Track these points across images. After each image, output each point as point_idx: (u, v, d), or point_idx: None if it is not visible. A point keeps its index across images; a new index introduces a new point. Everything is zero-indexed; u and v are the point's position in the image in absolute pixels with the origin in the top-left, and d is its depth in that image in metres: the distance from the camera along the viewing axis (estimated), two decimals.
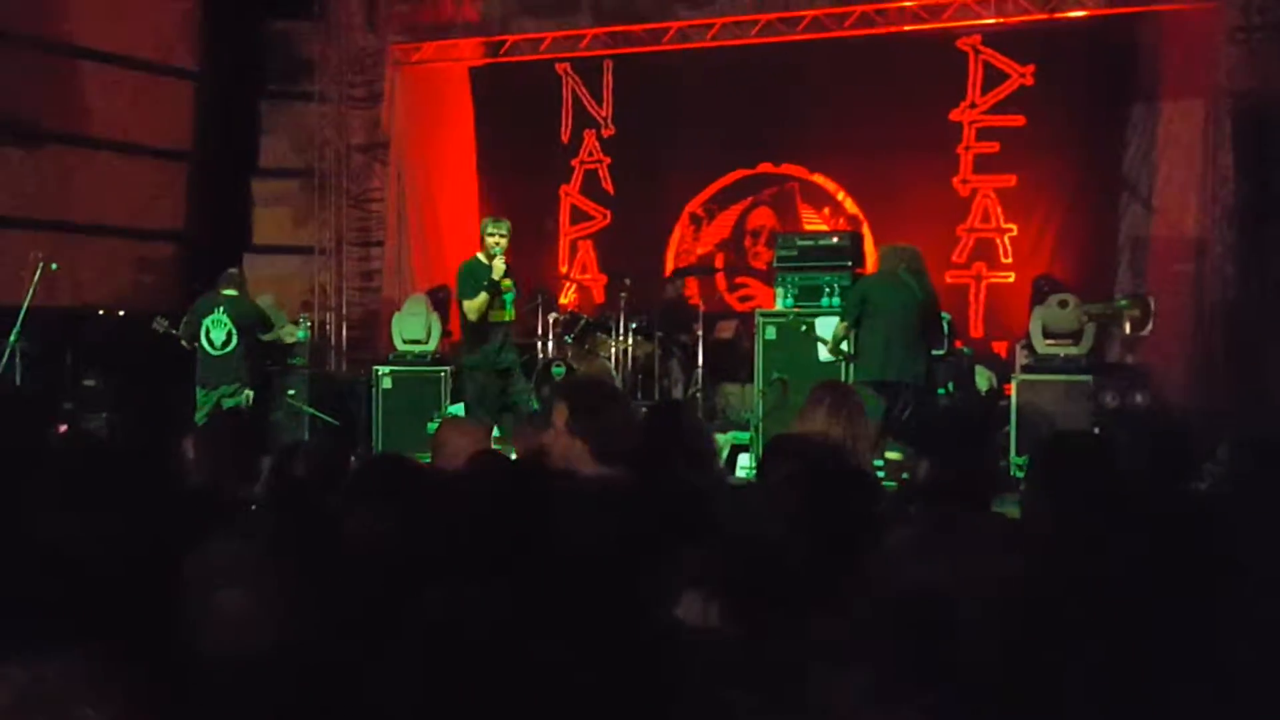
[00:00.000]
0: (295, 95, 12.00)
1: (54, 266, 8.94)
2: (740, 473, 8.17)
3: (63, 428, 8.51)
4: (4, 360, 8.68)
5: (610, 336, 9.93)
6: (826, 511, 2.26)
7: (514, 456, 4.28)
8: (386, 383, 9.98)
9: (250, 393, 8.94)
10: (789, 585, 1.91)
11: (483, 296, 7.67)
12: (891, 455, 7.42)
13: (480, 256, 7.83)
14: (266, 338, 9.58)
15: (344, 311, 12.00)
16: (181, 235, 11.74)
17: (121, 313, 10.62)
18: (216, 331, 8.87)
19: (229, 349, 8.88)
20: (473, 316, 7.79)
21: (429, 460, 3.85)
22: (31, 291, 8.69)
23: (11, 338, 8.73)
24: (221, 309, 8.92)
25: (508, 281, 7.80)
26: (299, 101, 11.98)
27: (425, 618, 1.63)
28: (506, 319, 7.94)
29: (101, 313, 10.61)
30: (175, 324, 9.11)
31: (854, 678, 1.49)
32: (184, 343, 8.99)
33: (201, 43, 11.69)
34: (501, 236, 7.73)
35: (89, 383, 9.82)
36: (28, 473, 2.94)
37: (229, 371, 8.87)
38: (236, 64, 11.77)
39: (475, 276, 7.77)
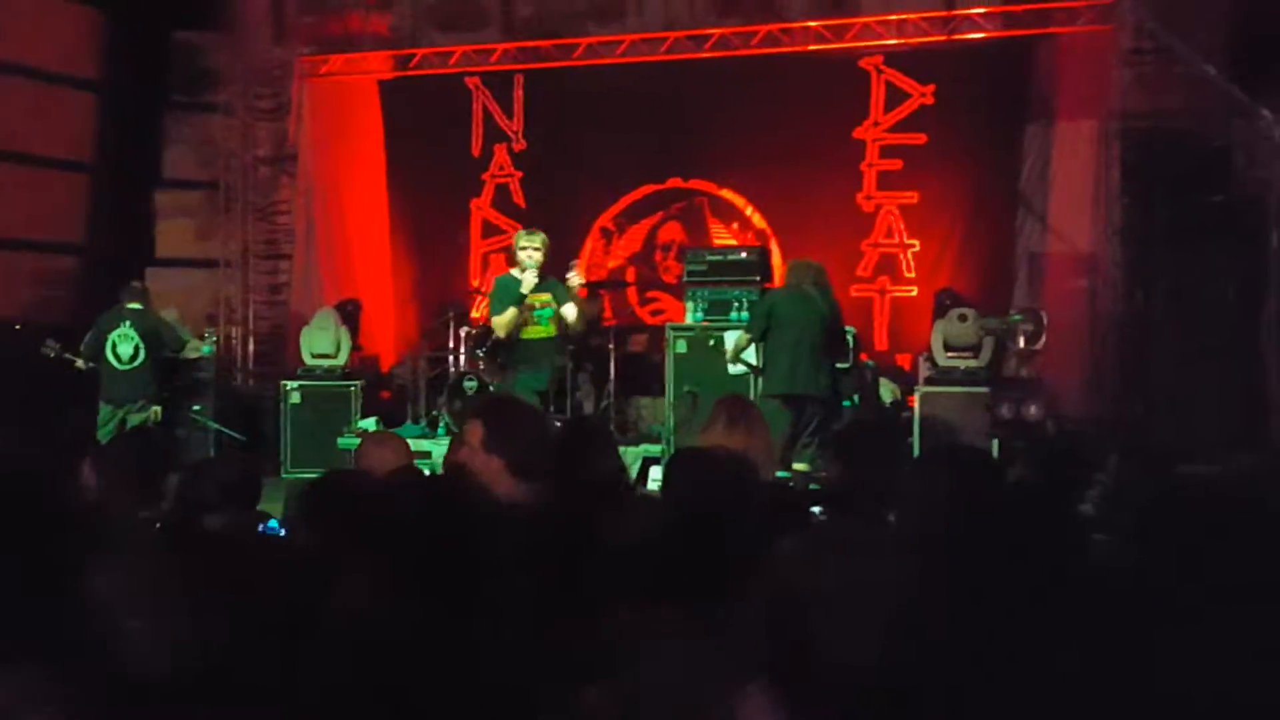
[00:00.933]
0: (200, 106, 11.82)
1: None
2: (652, 485, 8.26)
3: None
4: None
5: None
6: (723, 520, 2.34)
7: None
8: (295, 398, 9.88)
9: (158, 409, 8.74)
10: (686, 592, 1.98)
11: (511, 312, 7.22)
12: (799, 466, 7.57)
13: (514, 272, 7.37)
14: (171, 354, 9.33)
15: (250, 325, 11.83)
16: (82, 248, 11.46)
17: (18, 327, 10.33)
18: (123, 346, 8.61)
19: (136, 363, 8.62)
20: (500, 333, 7.40)
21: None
22: None
23: None
24: (128, 323, 8.67)
25: (545, 296, 7.31)
26: (204, 113, 11.81)
27: (353, 632, 1.65)
28: (542, 335, 7.41)
29: None
30: (68, 345, 8.79)
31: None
32: (79, 363, 8.70)
33: (105, 53, 11.44)
34: (535, 250, 7.20)
35: None
36: None
37: (136, 387, 8.63)
38: (140, 75, 11.55)
39: (504, 292, 7.33)
